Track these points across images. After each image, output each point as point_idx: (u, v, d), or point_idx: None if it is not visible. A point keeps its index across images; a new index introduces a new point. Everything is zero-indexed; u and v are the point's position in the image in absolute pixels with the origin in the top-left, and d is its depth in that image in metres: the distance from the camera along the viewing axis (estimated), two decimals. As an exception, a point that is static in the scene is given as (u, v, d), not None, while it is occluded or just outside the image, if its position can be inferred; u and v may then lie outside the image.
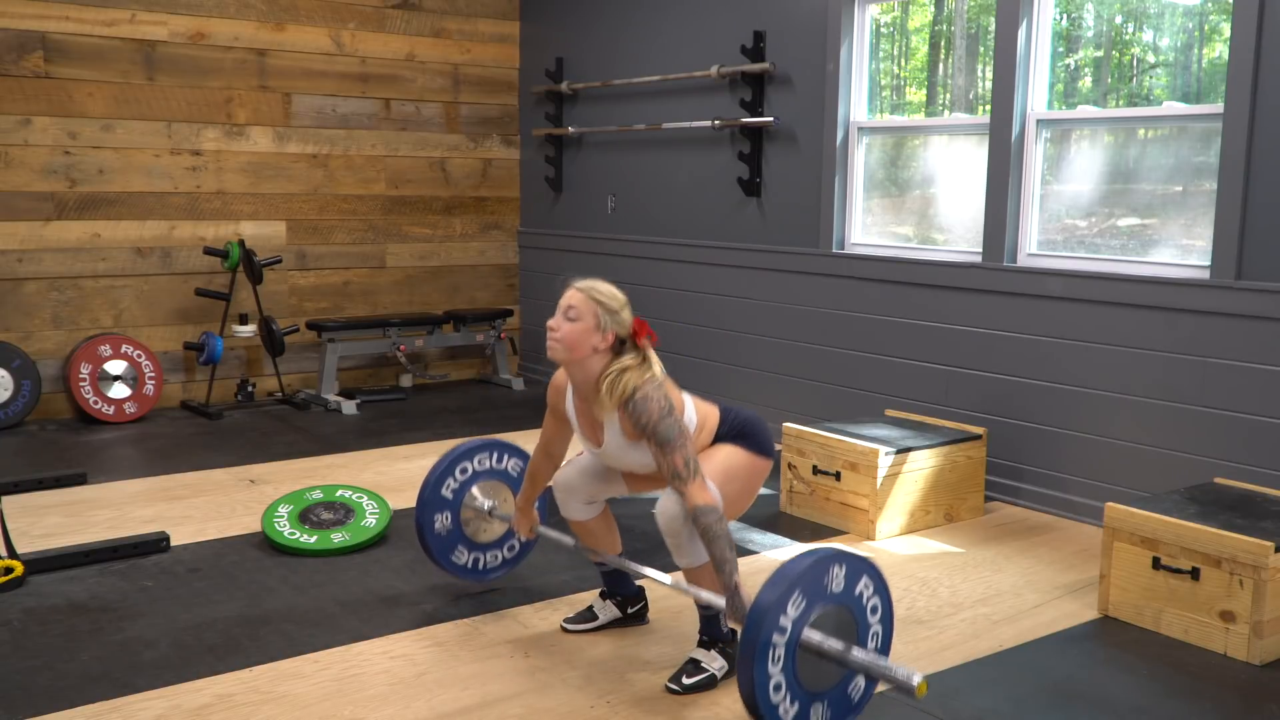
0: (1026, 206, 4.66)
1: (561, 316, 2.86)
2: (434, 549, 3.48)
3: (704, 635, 3.02)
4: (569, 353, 2.85)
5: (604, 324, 2.85)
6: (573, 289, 2.89)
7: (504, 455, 3.58)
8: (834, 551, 2.57)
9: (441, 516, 3.47)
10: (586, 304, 2.85)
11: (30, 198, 5.90)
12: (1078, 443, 4.45)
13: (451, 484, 3.49)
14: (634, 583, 3.37)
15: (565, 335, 2.84)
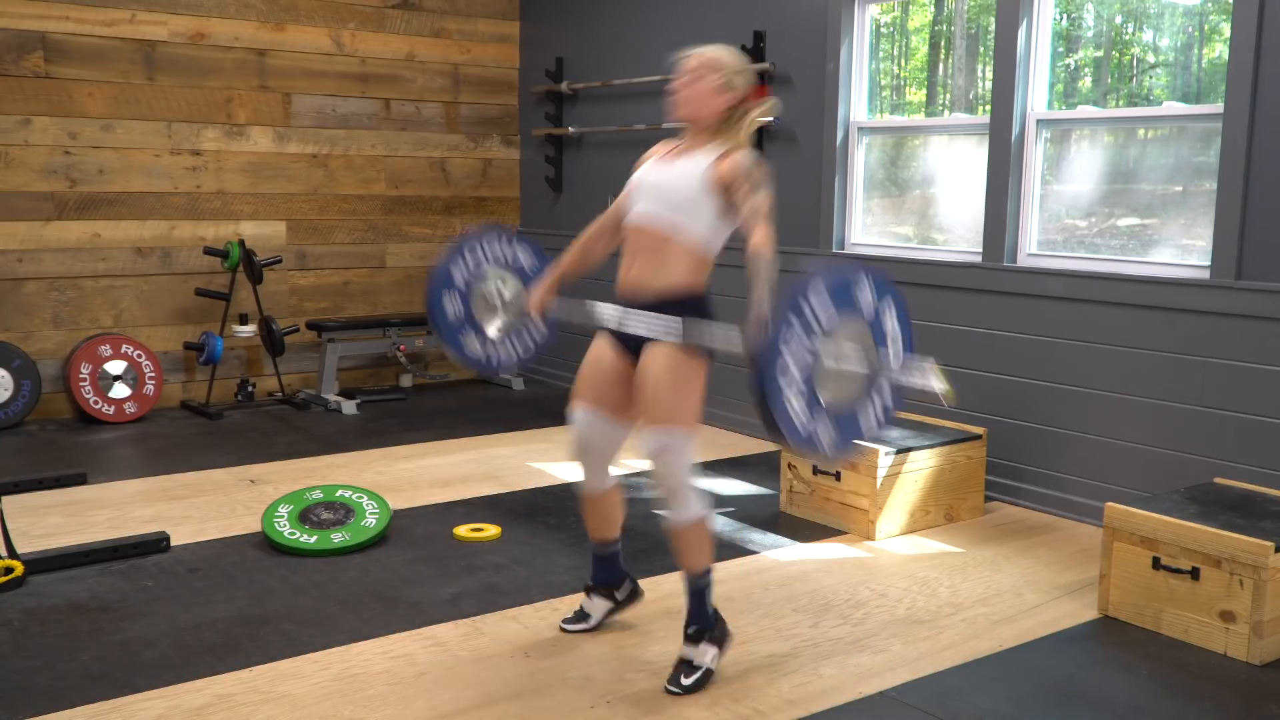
0: (1026, 206, 4.66)
1: (684, 77, 2.97)
2: (444, 333, 3.43)
3: (689, 627, 3.00)
4: (693, 111, 2.96)
5: (722, 86, 2.94)
6: (696, 52, 2.98)
7: (517, 247, 3.54)
8: (863, 269, 2.66)
9: (451, 298, 3.42)
10: (708, 67, 2.95)
11: (30, 198, 5.90)
12: (1078, 443, 4.45)
13: (463, 267, 3.44)
14: (620, 567, 3.33)
15: (690, 93, 2.95)
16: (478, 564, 3.87)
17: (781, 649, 3.19)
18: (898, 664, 3.12)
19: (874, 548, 4.13)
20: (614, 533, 3.29)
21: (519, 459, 5.32)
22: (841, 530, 4.29)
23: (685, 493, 2.91)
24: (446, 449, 5.53)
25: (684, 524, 2.93)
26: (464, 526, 4.20)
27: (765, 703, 2.87)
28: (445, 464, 5.23)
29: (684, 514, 2.92)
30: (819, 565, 3.93)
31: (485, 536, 4.13)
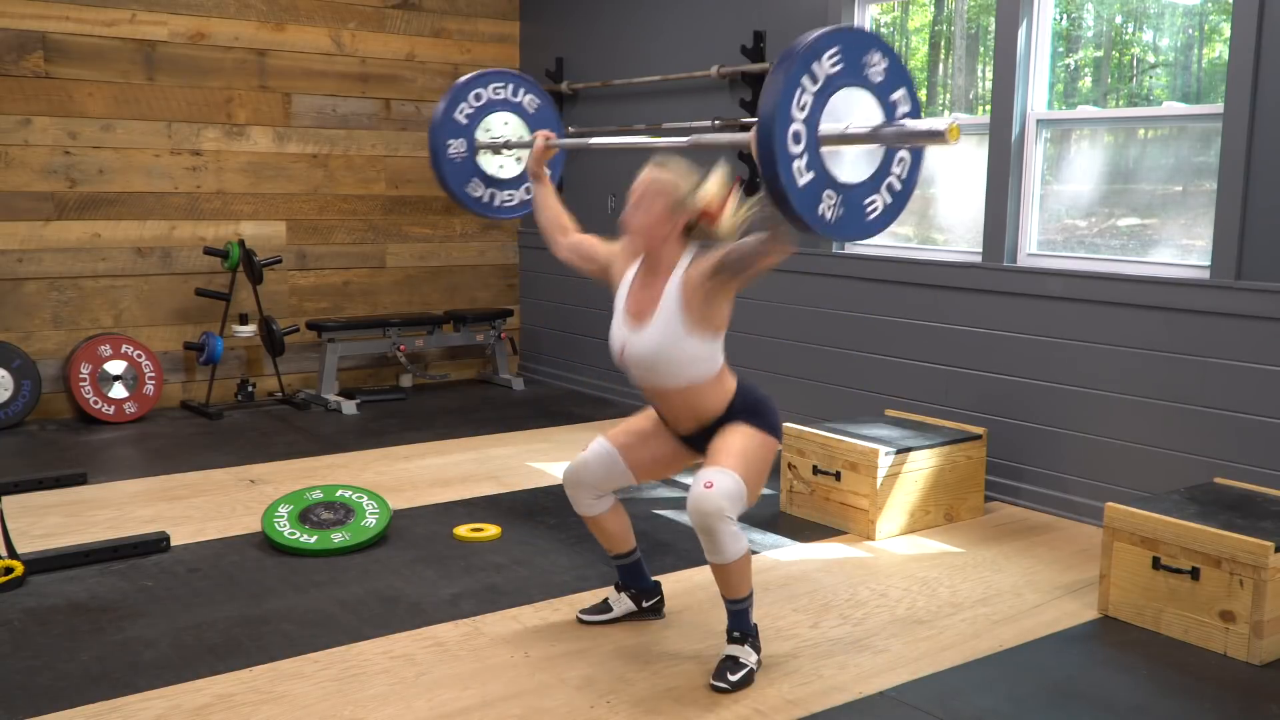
0: (1026, 206, 4.66)
1: (635, 207, 2.94)
2: (448, 177, 3.43)
3: (734, 631, 3.02)
4: (649, 240, 2.94)
5: (677, 209, 2.91)
6: (644, 176, 2.95)
7: (520, 88, 3.53)
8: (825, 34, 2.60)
9: (455, 142, 3.42)
10: (658, 191, 2.93)
11: (30, 198, 5.90)
12: (1078, 443, 4.45)
13: (466, 109, 3.44)
14: (649, 577, 3.39)
15: (643, 221, 2.93)
16: (478, 564, 3.87)
17: (781, 649, 3.19)
18: (898, 664, 3.12)
19: (874, 548, 4.12)
20: (625, 545, 3.31)
21: (519, 459, 5.32)
22: (841, 530, 4.29)
23: (726, 535, 2.86)
24: (446, 449, 5.53)
25: (728, 561, 2.91)
26: (464, 526, 4.20)
27: (765, 703, 2.87)
28: (445, 464, 5.23)
29: (727, 554, 2.89)
30: (819, 565, 3.93)
31: (485, 536, 4.13)
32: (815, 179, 2.56)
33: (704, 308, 2.89)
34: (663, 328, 2.92)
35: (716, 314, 2.92)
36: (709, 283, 2.85)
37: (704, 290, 2.87)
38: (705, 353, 2.95)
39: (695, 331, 2.91)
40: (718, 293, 2.87)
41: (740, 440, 2.97)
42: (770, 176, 2.50)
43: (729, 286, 2.86)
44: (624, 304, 3.04)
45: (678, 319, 2.91)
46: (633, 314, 3.00)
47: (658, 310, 2.93)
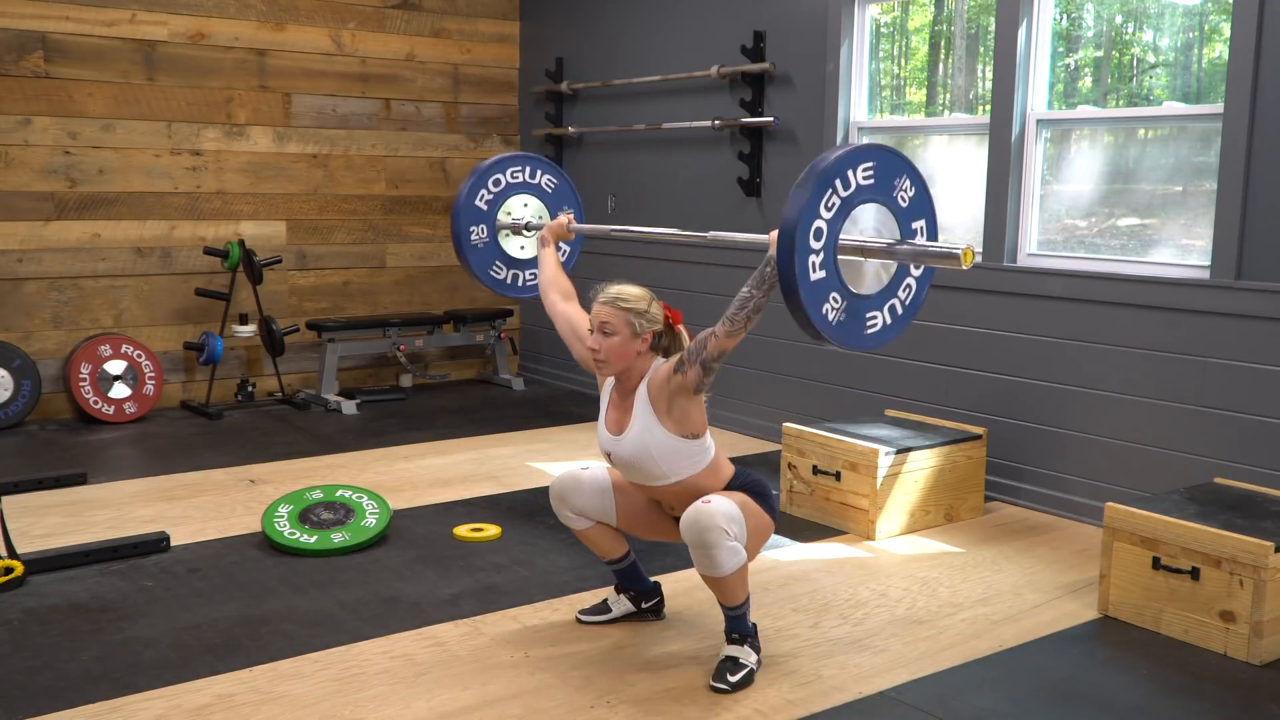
0: (1026, 206, 4.66)
1: (599, 335, 2.98)
2: (473, 263, 3.55)
3: (733, 633, 3.02)
4: (618, 365, 2.99)
5: (639, 328, 2.97)
6: (599, 304, 3.00)
7: (537, 170, 3.62)
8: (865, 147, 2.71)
9: (478, 229, 3.50)
10: (617, 315, 2.97)
11: (30, 198, 5.90)
12: (1078, 443, 4.45)
13: (486, 195, 3.52)
14: (648, 579, 3.39)
15: (609, 352, 2.98)
16: (478, 564, 3.87)
17: (781, 649, 3.19)
18: (898, 664, 3.12)
19: (874, 548, 4.12)
20: (616, 552, 3.32)
21: (519, 459, 5.32)
22: (841, 530, 4.29)
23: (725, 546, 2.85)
24: (446, 449, 5.53)
25: (726, 574, 2.90)
26: (464, 526, 4.20)
27: (765, 703, 2.87)
28: (445, 464, 5.23)
29: (725, 567, 2.88)
30: (819, 565, 3.93)
31: (485, 536, 4.13)
32: (827, 278, 2.66)
33: (673, 409, 2.93)
34: (639, 433, 2.97)
35: (688, 416, 2.94)
36: (673, 379, 2.90)
37: (669, 390, 2.92)
38: (689, 450, 2.98)
39: (672, 434, 2.95)
40: (683, 391, 2.90)
41: (740, 497, 2.99)
42: (785, 264, 2.59)
43: (690, 381, 2.88)
44: (604, 417, 3.11)
45: (654, 424, 2.95)
46: (612, 427, 3.06)
47: (632, 420, 2.99)
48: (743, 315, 2.78)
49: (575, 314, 3.31)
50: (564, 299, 3.36)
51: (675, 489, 3.04)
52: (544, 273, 3.46)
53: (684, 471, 3.00)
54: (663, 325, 3.03)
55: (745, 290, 2.78)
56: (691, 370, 2.87)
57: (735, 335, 2.81)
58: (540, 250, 3.51)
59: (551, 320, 3.37)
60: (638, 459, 2.99)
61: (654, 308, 3.01)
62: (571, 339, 3.27)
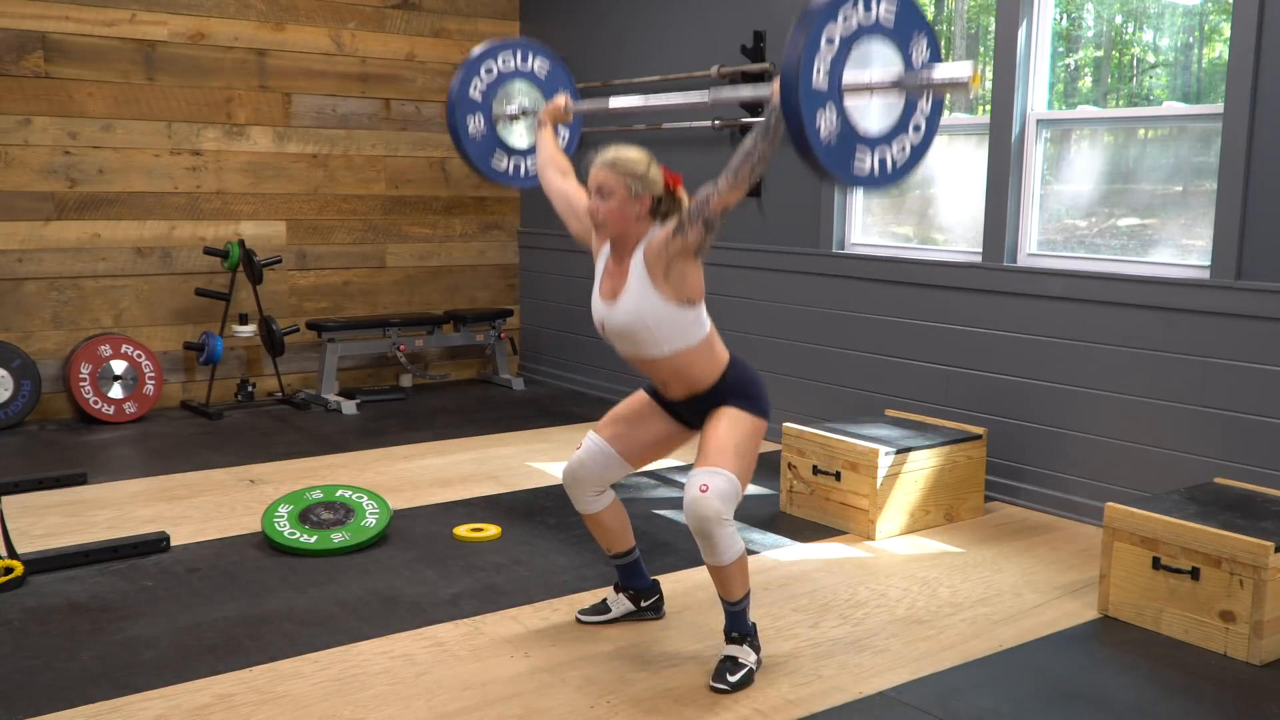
0: (1026, 206, 4.66)
1: (596, 198, 2.93)
2: (473, 157, 3.55)
3: (732, 632, 3.02)
4: (617, 230, 2.94)
5: (637, 190, 2.91)
6: (596, 168, 2.94)
7: (529, 55, 3.62)
8: None
9: (474, 119, 3.49)
10: (615, 178, 2.91)
11: (30, 198, 5.90)
12: (1078, 443, 4.45)
13: (479, 84, 3.51)
14: (648, 577, 3.39)
15: (607, 215, 2.92)
16: (478, 564, 3.87)
17: (781, 649, 3.19)
18: (898, 664, 3.12)
19: (874, 548, 4.12)
20: (624, 544, 3.31)
21: (519, 459, 5.32)
22: (841, 530, 4.29)
23: (723, 538, 2.88)
24: (446, 449, 5.53)
25: (725, 564, 2.92)
26: (464, 526, 4.20)
27: (765, 703, 2.87)
28: (445, 464, 5.23)
29: (725, 556, 2.91)
30: (819, 565, 3.93)
31: (485, 536, 4.13)
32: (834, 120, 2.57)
33: (670, 273, 2.88)
34: (635, 300, 2.91)
35: (685, 281, 2.89)
36: (673, 242, 2.84)
37: (668, 254, 2.86)
38: (684, 320, 2.93)
39: (668, 300, 2.89)
40: (682, 254, 2.85)
41: (731, 430, 2.96)
42: (790, 107, 2.50)
43: (691, 242, 2.82)
44: (598, 285, 3.05)
45: (648, 288, 2.90)
46: (606, 294, 3.01)
47: (627, 285, 2.93)
48: (745, 167, 2.69)
49: (573, 189, 3.28)
50: (561, 176, 3.33)
51: (669, 364, 2.98)
52: (542, 153, 3.42)
53: (677, 342, 2.94)
54: (662, 189, 2.96)
55: (748, 142, 2.70)
56: (692, 230, 2.80)
57: (737, 189, 2.73)
58: (538, 132, 3.48)
59: (549, 198, 3.33)
60: (631, 326, 2.94)
61: (653, 170, 2.94)
62: (568, 215, 3.25)
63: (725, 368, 3.03)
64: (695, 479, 2.88)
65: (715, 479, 2.87)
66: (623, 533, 3.29)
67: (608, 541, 3.30)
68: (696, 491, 2.85)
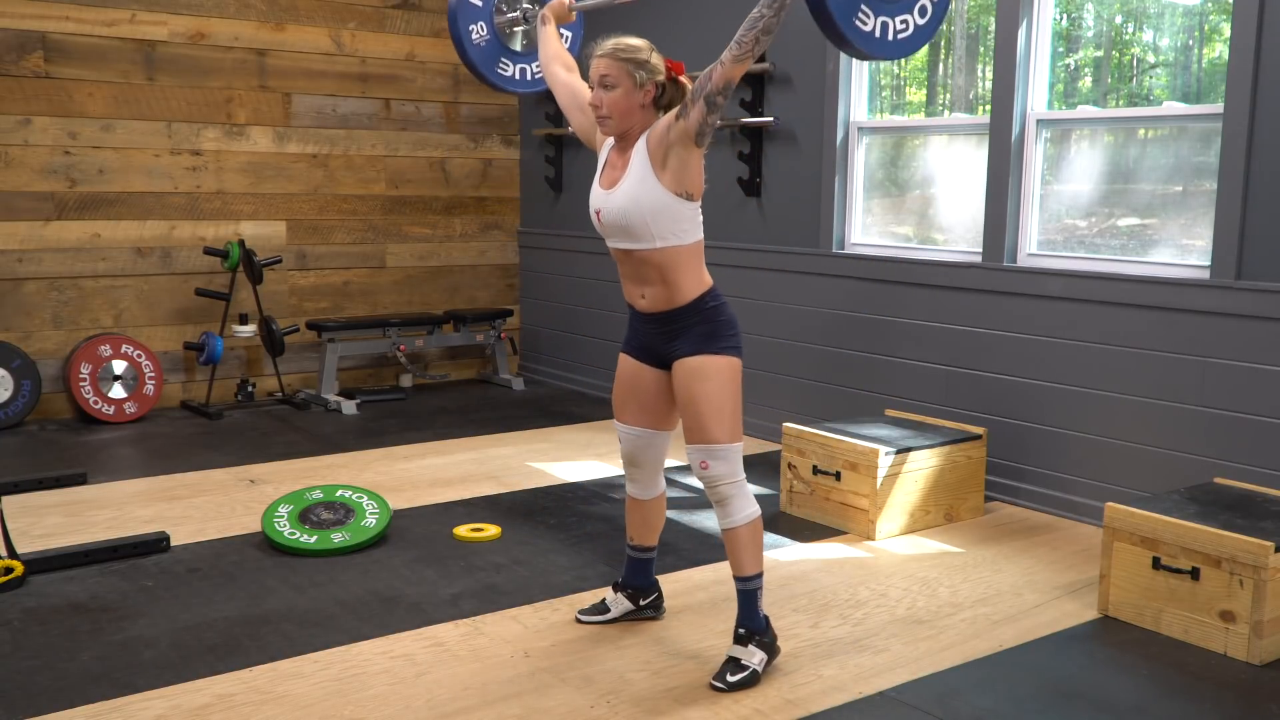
0: (1026, 206, 4.66)
1: (600, 90, 2.90)
2: (478, 64, 3.51)
3: (740, 628, 3.02)
4: (621, 121, 2.91)
5: (641, 80, 2.89)
6: (598, 58, 2.91)
7: None
8: None
9: (476, 27, 3.47)
10: (618, 66, 2.88)
11: (30, 198, 5.90)
12: (1078, 443, 4.45)
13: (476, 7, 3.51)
14: (651, 576, 3.40)
15: (611, 106, 2.89)
16: (478, 564, 3.87)
17: (782, 649, 3.19)
18: (898, 664, 3.12)
19: (874, 548, 4.12)
20: (651, 539, 3.35)
21: (519, 459, 5.32)
22: (841, 530, 4.29)
23: (736, 497, 2.98)
24: (446, 449, 5.53)
25: (737, 525, 2.98)
26: (464, 526, 4.20)
27: (765, 703, 2.87)
28: (445, 464, 5.23)
29: (736, 516, 2.99)
30: (819, 565, 3.93)
31: (485, 536, 4.13)
32: None
33: (670, 159, 2.84)
34: (634, 186, 2.89)
35: (686, 169, 2.86)
36: (675, 126, 2.81)
37: (669, 140, 2.83)
38: (681, 213, 2.89)
39: (667, 189, 2.86)
40: (684, 139, 2.81)
41: (709, 390, 2.94)
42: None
43: (693, 123, 2.78)
44: (599, 177, 3.03)
45: (649, 175, 2.87)
46: (606, 183, 2.99)
47: (628, 172, 2.91)
48: (751, 36, 2.65)
49: (577, 83, 3.24)
50: (566, 70, 3.29)
51: (658, 258, 2.92)
52: (545, 49, 3.36)
53: (669, 237, 2.90)
54: (665, 76, 2.93)
55: (756, 10, 2.66)
56: (695, 109, 2.76)
57: (743, 61, 2.68)
58: (540, 29, 3.42)
59: (553, 91, 3.28)
60: (626, 213, 2.89)
61: (655, 58, 2.91)
62: (572, 108, 3.21)
63: (706, 291, 2.99)
64: (694, 457, 2.99)
65: (711, 459, 2.97)
66: (657, 527, 3.34)
67: (642, 531, 3.31)
68: (699, 470, 2.98)
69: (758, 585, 3.02)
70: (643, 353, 3.13)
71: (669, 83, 2.94)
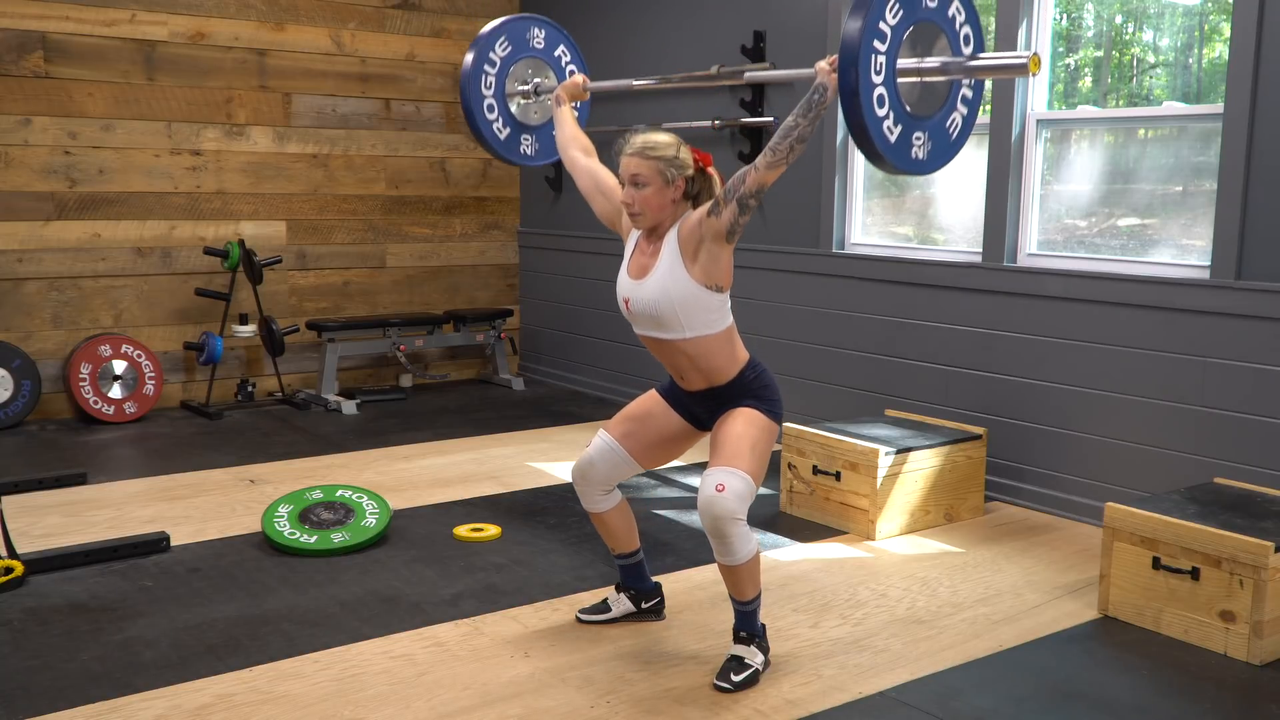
0: (1026, 206, 4.66)
1: (631, 188, 2.93)
2: (501, 152, 3.60)
3: (740, 631, 3.02)
4: (654, 217, 2.94)
5: (671, 177, 2.92)
6: (627, 157, 2.94)
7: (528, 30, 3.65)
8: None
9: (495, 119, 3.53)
10: (648, 165, 2.91)
11: (30, 198, 5.90)
12: (1078, 443, 4.45)
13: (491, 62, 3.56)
14: (650, 579, 3.39)
15: (643, 203, 2.93)
16: (478, 564, 3.87)
17: (781, 649, 3.19)
18: (898, 664, 3.12)
19: (874, 548, 4.12)
20: (629, 545, 3.32)
21: (519, 459, 5.32)
22: (841, 530, 4.29)
23: (737, 537, 2.88)
24: (446, 449, 5.53)
25: (737, 564, 2.92)
26: (464, 526, 4.20)
27: (765, 703, 2.87)
28: (445, 464, 5.23)
29: (737, 556, 2.91)
30: (819, 565, 3.93)
31: (485, 536, 4.13)
32: (888, 103, 2.63)
33: (701, 254, 2.87)
34: (663, 278, 2.91)
35: (717, 264, 2.88)
36: (706, 222, 2.84)
37: (700, 234, 2.86)
38: (710, 304, 2.92)
39: (697, 282, 2.89)
40: (715, 235, 2.84)
41: (748, 430, 2.96)
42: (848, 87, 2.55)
43: (725, 222, 2.82)
44: (627, 265, 3.05)
45: (679, 269, 2.89)
46: (635, 272, 3.00)
47: (658, 263, 2.93)
48: (785, 145, 2.72)
49: (596, 168, 3.26)
50: (584, 154, 3.31)
51: (689, 348, 2.97)
52: (562, 132, 3.39)
53: (700, 327, 2.93)
54: (694, 169, 2.97)
55: (790, 119, 2.72)
56: (727, 209, 2.81)
57: (776, 167, 2.74)
58: (556, 110, 3.45)
59: (573, 177, 3.30)
60: (657, 305, 2.93)
61: (683, 153, 2.95)
62: (593, 193, 3.23)
63: (745, 365, 3.04)
64: (711, 478, 2.88)
65: (731, 479, 2.86)
66: (628, 534, 3.29)
67: (613, 542, 3.30)
68: (713, 491, 2.85)
69: (756, 606, 3.02)
70: (680, 407, 3.15)
71: (697, 173, 2.98)
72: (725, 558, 2.91)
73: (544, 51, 3.70)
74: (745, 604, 3.00)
